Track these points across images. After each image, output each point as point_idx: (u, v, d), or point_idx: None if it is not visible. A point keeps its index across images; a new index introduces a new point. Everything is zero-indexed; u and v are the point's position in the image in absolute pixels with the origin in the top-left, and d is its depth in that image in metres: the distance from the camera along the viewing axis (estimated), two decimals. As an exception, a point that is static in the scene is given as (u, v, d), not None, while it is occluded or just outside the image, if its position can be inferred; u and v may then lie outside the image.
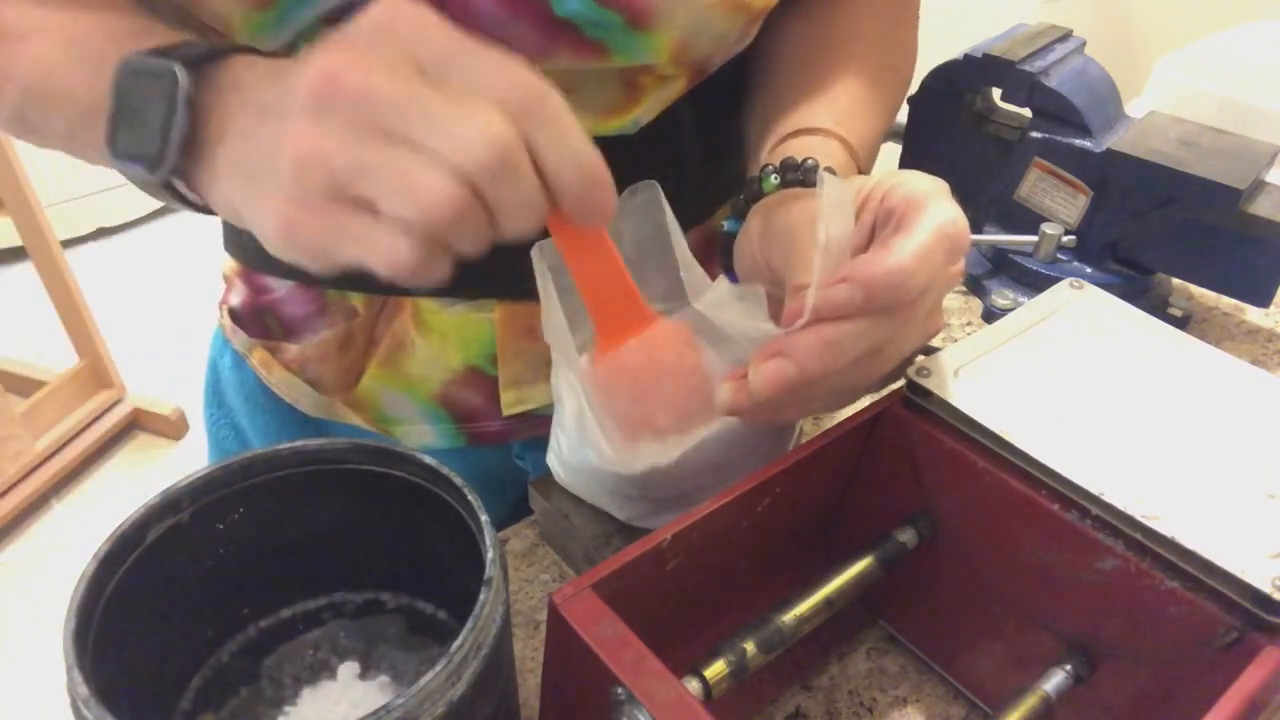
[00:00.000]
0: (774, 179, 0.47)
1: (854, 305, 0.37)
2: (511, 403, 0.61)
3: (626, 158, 0.55)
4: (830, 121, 0.51)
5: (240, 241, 0.62)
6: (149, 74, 0.36)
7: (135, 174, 0.37)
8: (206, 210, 0.39)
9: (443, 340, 0.59)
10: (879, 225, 0.41)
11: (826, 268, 0.38)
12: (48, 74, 0.41)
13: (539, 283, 0.47)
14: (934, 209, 0.39)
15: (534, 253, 0.47)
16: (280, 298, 0.61)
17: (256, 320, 0.63)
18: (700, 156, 0.58)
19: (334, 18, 0.44)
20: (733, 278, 0.49)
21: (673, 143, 0.56)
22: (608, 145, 0.54)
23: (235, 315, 0.64)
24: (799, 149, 0.49)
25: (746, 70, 0.59)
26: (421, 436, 0.63)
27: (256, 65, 0.36)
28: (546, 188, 0.33)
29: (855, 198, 0.42)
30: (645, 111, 0.53)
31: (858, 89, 0.54)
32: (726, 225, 0.49)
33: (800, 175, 0.47)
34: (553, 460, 0.55)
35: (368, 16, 0.32)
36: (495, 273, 0.56)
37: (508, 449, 0.67)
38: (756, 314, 0.45)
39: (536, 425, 0.63)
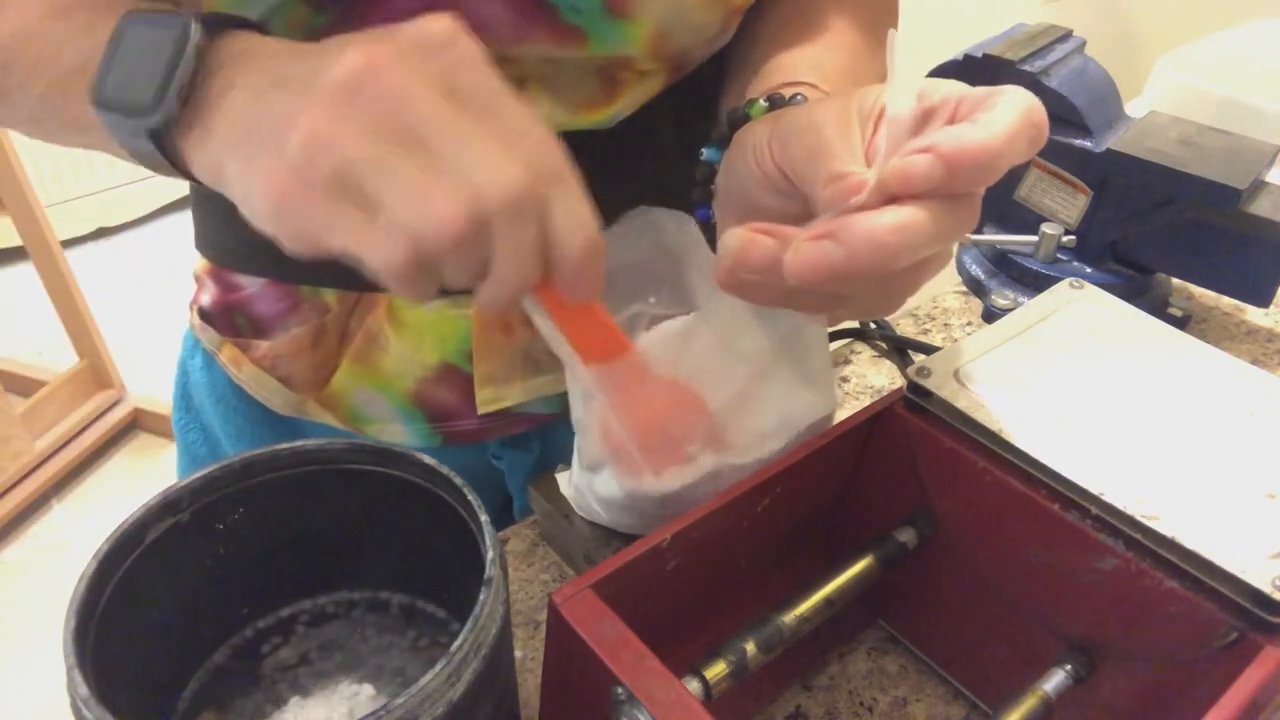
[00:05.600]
0: (764, 103, 0.44)
1: (931, 181, 0.32)
2: (487, 400, 0.60)
3: (604, 152, 0.54)
4: (816, 79, 0.48)
5: (212, 240, 0.61)
6: (158, 24, 0.35)
7: (115, 124, 0.36)
8: (182, 173, 0.38)
9: (418, 336, 0.58)
10: (941, 115, 0.36)
11: (889, 146, 0.34)
12: (28, 39, 0.40)
13: (537, 321, 0.47)
14: (1017, 93, 0.34)
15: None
16: (251, 295, 0.60)
17: (226, 319, 0.62)
18: (679, 153, 0.58)
19: None
20: (703, 212, 0.47)
21: (651, 138, 0.56)
22: (585, 139, 0.54)
23: (205, 314, 0.63)
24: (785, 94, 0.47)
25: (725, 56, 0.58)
26: (394, 436, 0.62)
27: (273, 42, 0.36)
28: (548, 250, 0.33)
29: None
30: (624, 107, 0.53)
31: (841, 56, 0.52)
32: (705, 154, 0.47)
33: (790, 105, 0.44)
34: (574, 494, 0.55)
35: (428, 26, 0.32)
36: None
37: (483, 449, 0.65)
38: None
39: (512, 424, 0.62)
